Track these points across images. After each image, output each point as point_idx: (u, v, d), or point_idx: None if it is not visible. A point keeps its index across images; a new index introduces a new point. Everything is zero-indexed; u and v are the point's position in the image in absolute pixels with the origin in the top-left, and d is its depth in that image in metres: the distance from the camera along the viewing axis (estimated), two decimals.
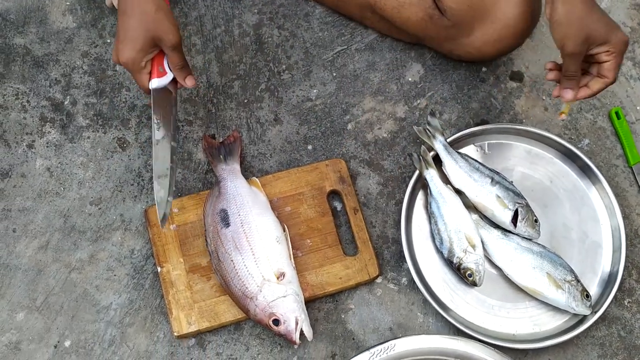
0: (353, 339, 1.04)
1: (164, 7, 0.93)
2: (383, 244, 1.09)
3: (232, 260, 0.99)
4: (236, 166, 1.08)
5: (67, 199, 1.10)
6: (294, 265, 1.01)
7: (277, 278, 0.98)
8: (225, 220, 1.02)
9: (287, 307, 0.96)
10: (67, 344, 1.03)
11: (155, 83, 0.97)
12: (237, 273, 0.98)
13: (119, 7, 0.94)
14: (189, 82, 0.98)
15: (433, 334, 1.00)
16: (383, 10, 1.13)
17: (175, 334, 1.01)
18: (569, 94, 0.93)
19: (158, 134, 0.99)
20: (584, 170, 1.11)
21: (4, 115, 1.15)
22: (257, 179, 1.08)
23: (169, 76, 0.98)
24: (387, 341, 0.91)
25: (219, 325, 1.02)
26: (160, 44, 0.95)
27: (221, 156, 1.09)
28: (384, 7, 1.13)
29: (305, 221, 1.07)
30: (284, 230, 1.03)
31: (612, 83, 0.94)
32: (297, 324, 0.95)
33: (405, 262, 1.05)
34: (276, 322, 0.96)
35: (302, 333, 0.96)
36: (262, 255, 0.99)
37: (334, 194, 1.11)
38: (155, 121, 0.99)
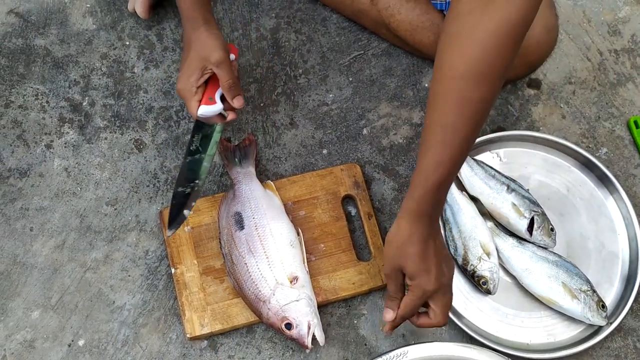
0: (365, 344, 1.04)
1: (213, 32, 0.97)
2: None
3: (245, 264, 0.99)
4: (251, 169, 1.08)
5: (83, 199, 1.11)
6: (307, 269, 1.01)
7: (290, 282, 0.98)
8: (239, 223, 1.02)
9: (300, 311, 0.96)
10: (81, 343, 1.03)
11: (202, 110, 0.98)
12: (250, 276, 0.98)
13: (183, 45, 0.99)
14: (236, 102, 0.98)
15: (446, 341, 0.99)
16: (396, 31, 1.14)
17: (188, 335, 1.02)
18: (388, 314, 0.90)
19: (193, 152, 0.99)
20: (602, 180, 1.10)
21: (24, 115, 1.16)
22: (272, 183, 1.08)
23: (218, 106, 0.98)
24: (399, 347, 0.90)
25: (232, 327, 1.03)
26: (207, 64, 0.96)
27: (236, 159, 1.09)
28: (397, 28, 1.14)
29: (319, 225, 1.07)
30: (298, 234, 1.03)
31: (405, 317, 0.89)
32: (309, 328, 0.95)
33: None
34: (288, 326, 0.96)
35: (314, 337, 0.96)
36: (275, 259, 0.99)
37: (348, 199, 1.11)
38: (193, 143, 0.99)
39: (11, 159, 1.13)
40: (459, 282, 1.06)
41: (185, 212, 0.98)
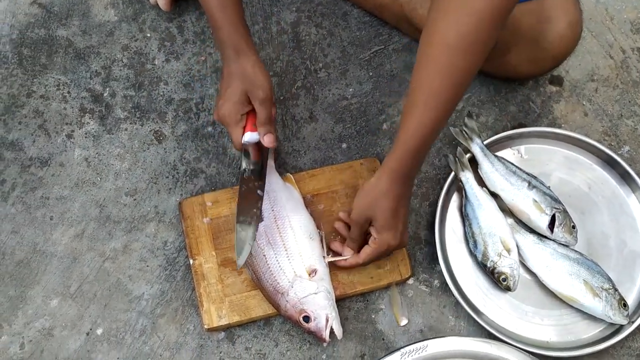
0: (383, 339, 1.03)
1: (260, 64, 0.97)
2: (416, 245, 1.08)
3: (264, 255, 0.99)
4: (270, 162, 1.08)
5: (103, 189, 1.12)
6: (326, 262, 1.00)
7: (309, 274, 0.97)
8: None
9: (318, 304, 0.95)
10: (99, 331, 1.04)
11: (247, 137, 0.98)
12: (269, 268, 0.98)
13: (225, 70, 0.98)
14: (267, 139, 0.98)
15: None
16: (419, 25, 1.13)
17: (206, 326, 1.02)
18: (347, 251, 1.01)
19: (246, 180, 1.00)
20: (624, 178, 1.09)
21: (45, 105, 1.17)
22: (291, 176, 1.08)
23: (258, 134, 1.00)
24: (419, 341, 0.90)
25: (249, 320, 1.02)
26: (251, 97, 0.97)
27: None
28: (419, 22, 1.13)
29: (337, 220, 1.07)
30: (320, 229, 1.03)
31: (360, 264, 1.00)
32: (327, 321, 0.95)
33: (438, 264, 1.04)
34: (306, 318, 0.95)
35: (332, 331, 0.95)
36: (294, 251, 0.99)
37: None
38: (246, 171, 1.00)
39: (32, 148, 1.14)
40: (477, 279, 1.05)
41: (250, 242, 0.98)
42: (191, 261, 1.05)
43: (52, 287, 1.06)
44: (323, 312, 0.95)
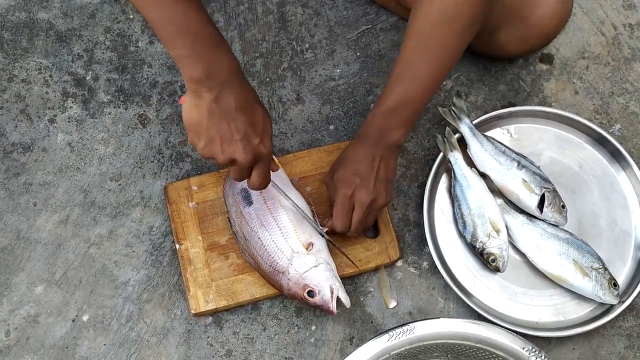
0: (371, 322, 1.03)
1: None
2: (404, 227, 1.07)
3: (259, 238, 0.98)
4: None
5: (87, 174, 1.10)
6: (323, 232, 0.99)
7: (306, 249, 0.96)
8: (247, 199, 1.00)
9: (320, 277, 0.94)
10: (85, 318, 1.03)
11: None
12: (265, 249, 0.97)
13: (231, 101, 0.82)
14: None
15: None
16: (406, 3, 1.11)
17: (193, 311, 1.01)
18: (330, 222, 0.98)
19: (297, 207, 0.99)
20: (615, 156, 1.08)
21: (27, 89, 1.15)
22: (272, 155, 1.06)
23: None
24: (406, 324, 0.89)
25: (236, 304, 1.02)
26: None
27: None
28: (407, 1, 1.11)
29: (325, 201, 1.05)
30: (310, 205, 1.02)
31: (339, 230, 0.97)
32: (332, 292, 0.94)
33: (427, 245, 1.03)
34: (311, 293, 0.94)
35: (339, 302, 0.94)
36: (289, 229, 0.97)
37: None
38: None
39: (14, 133, 1.12)
40: (467, 260, 1.04)
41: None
42: (177, 246, 1.04)
43: (36, 274, 1.05)
44: (326, 284, 0.94)
